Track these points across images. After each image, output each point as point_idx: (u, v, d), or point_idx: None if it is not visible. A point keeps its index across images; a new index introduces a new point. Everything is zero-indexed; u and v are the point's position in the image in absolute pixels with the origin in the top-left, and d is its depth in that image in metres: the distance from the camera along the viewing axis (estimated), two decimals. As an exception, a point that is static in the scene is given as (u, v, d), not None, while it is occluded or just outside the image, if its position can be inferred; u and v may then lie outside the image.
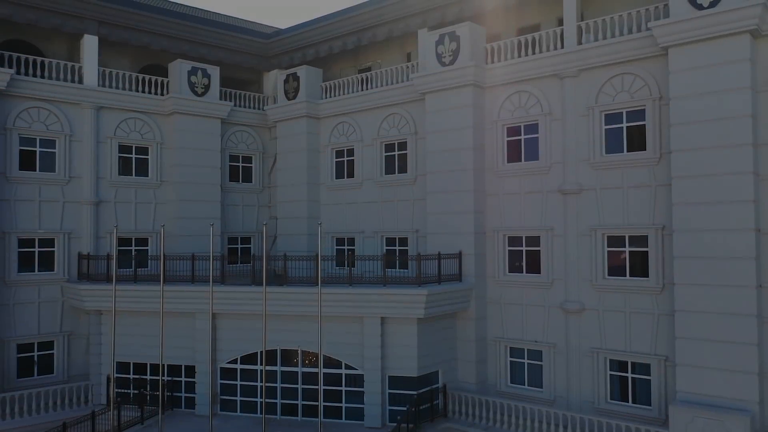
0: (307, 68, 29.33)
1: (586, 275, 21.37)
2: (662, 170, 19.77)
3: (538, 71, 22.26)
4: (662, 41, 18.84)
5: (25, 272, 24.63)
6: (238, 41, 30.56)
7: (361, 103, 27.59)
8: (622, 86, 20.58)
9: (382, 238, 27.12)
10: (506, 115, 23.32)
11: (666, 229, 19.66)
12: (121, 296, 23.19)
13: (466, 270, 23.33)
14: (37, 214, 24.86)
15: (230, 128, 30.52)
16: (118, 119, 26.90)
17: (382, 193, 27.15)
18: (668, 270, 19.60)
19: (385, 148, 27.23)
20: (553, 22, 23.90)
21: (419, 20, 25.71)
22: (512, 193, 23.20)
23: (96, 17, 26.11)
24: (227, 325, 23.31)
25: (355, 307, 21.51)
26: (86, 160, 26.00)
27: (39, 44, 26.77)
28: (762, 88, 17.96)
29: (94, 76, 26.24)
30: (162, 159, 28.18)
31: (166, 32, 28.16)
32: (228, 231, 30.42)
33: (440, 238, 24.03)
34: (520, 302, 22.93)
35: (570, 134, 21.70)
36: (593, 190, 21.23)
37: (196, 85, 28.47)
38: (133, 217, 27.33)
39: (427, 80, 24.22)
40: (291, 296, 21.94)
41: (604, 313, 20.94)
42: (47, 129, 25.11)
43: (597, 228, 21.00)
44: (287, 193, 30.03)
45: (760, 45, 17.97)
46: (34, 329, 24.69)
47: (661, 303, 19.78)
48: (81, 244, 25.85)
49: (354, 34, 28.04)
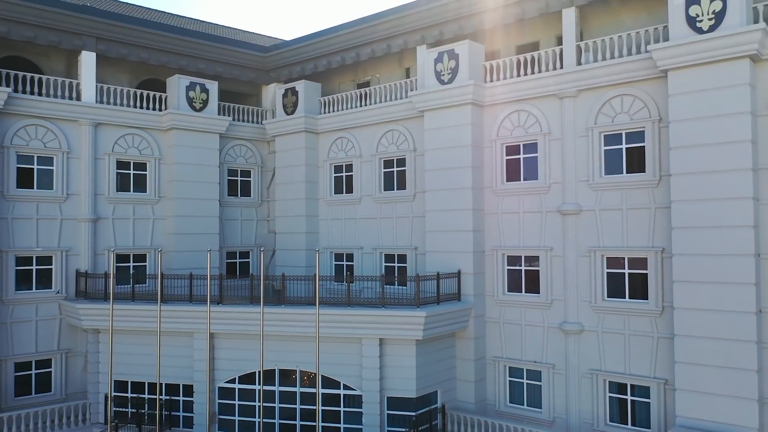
0: (305, 83, 29.26)
1: (585, 296, 21.29)
2: (662, 192, 19.69)
3: (537, 91, 22.19)
4: (661, 64, 18.76)
5: (22, 290, 24.56)
6: (236, 55, 30.47)
7: (360, 118, 27.52)
8: (622, 107, 20.50)
9: (381, 254, 27.04)
10: (505, 134, 23.25)
11: (665, 252, 19.58)
12: (119, 315, 23.12)
13: (465, 289, 23.25)
14: (35, 232, 24.78)
15: (229, 142, 30.45)
16: (116, 135, 26.82)
17: (380, 209, 27.07)
18: (668, 293, 19.52)
19: (384, 165, 27.16)
20: (552, 40, 23.82)
21: (417, 36, 25.62)
22: (511, 212, 23.11)
23: (94, 34, 26.02)
24: (225, 344, 23.22)
25: (354, 328, 21.42)
26: (84, 177, 25.92)
27: (37, 60, 26.69)
28: (761, 112, 17.87)
29: (92, 92, 26.16)
30: (160, 174, 28.10)
31: (164, 47, 28.07)
32: (226, 245, 30.35)
33: (439, 256, 23.95)
34: (519, 322, 22.86)
35: (569, 154, 21.62)
36: (592, 211, 21.14)
37: (194, 100, 28.40)
38: (131, 233, 27.25)
39: (426, 98, 24.14)
40: (289, 317, 21.85)
41: (604, 334, 20.87)
42: (45, 146, 25.03)
43: (596, 249, 20.91)
44: (285, 208, 29.96)
45: (760, 69, 17.88)
46: (32, 347, 24.62)
47: (661, 326, 19.70)
48: (79, 261, 25.77)
49: (352, 50, 27.95)
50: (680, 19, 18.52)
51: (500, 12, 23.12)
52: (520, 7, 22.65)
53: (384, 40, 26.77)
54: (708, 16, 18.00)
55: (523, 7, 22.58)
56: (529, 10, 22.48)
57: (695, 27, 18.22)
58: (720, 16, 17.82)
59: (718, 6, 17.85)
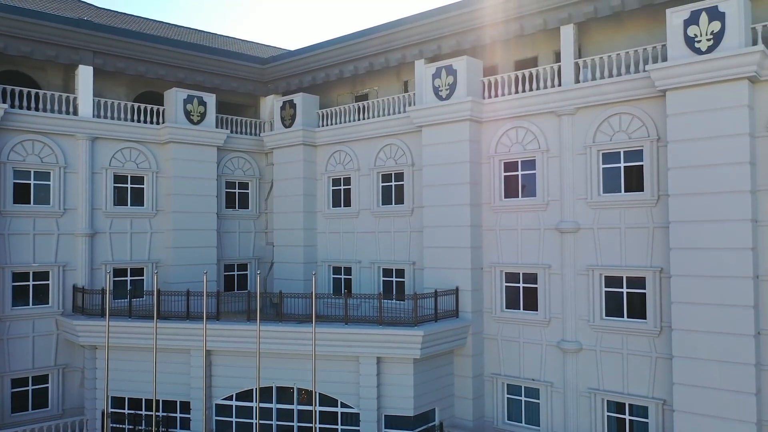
0: (303, 96, 29.17)
1: (583, 314, 21.22)
2: (660, 212, 19.61)
3: (535, 108, 22.11)
4: (660, 84, 18.69)
5: (19, 306, 24.49)
6: (234, 67, 30.39)
7: (358, 132, 27.45)
8: (620, 126, 20.42)
9: (379, 269, 26.96)
10: (503, 150, 23.17)
11: (664, 272, 19.50)
12: (116, 332, 23.03)
13: (463, 306, 23.18)
14: (32, 248, 24.71)
15: (227, 154, 30.37)
16: (114, 149, 26.74)
17: (379, 223, 26.99)
18: (666, 313, 19.44)
19: (382, 179, 27.08)
20: (550, 55, 23.73)
21: (416, 51, 25.54)
22: (509, 228, 23.04)
23: (91, 48, 25.94)
24: (222, 361, 23.15)
25: (351, 346, 21.36)
26: (81, 192, 25.83)
27: (34, 75, 26.60)
28: (760, 134, 17.80)
29: (89, 107, 26.08)
30: (158, 188, 28.01)
31: (162, 61, 27.99)
32: (224, 258, 30.27)
33: (437, 272, 23.88)
34: (517, 339, 22.78)
35: (567, 172, 21.55)
36: (591, 230, 21.07)
37: (191, 114, 28.31)
38: (128, 247, 27.16)
39: (424, 114, 24.07)
40: (286, 335, 21.78)
41: (602, 353, 20.79)
42: (42, 162, 24.96)
43: (594, 268, 20.84)
44: (283, 221, 29.88)
45: (758, 90, 17.81)
46: (29, 363, 24.55)
47: (659, 346, 19.62)
48: (76, 276, 25.69)
49: (351, 63, 27.87)
50: (679, 39, 18.44)
51: (498, 28, 23.04)
52: (518, 24, 22.57)
53: (382, 54, 26.69)
54: (706, 36, 17.92)
55: (521, 23, 22.51)
56: (527, 26, 22.40)
57: (694, 47, 18.14)
58: (719, 36, 17.74)
59: (716, 27, 17.77)
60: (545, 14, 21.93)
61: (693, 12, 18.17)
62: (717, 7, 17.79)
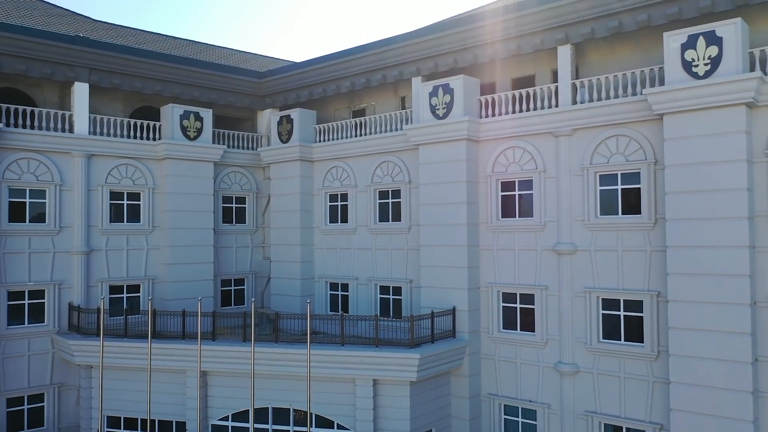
0: (300, 111, 29.07)
1: (580, 336, 21.11)
2: (657, 235, 19.50)
3: (532, 128, 22.01)
4: (657, 108, 18.58)
5: (14, 325, 24.39)
6: (231, 82, 30.28)
7: (355, 148, 27.35)
8: (617, 148, 20.31)
9: (377, 286, 26.87)
10: (500, 170, 23.07)
11: (661, 296, 19.39)
12: (111, 352, 22.95)
13: (460, 326, 23.07)
14: (27, 266, 24.61)
15: (224, 169, 30.27)
16: (110, 166, 26.63)
17: (376, 240, 26.89)
18: (663, 337, 19.34)
19: (379, 195, 26.97)
20: (547, 74, 23.61)
21: (413, 68, 25.43)
22: (506, 248, 22.93)
23: (86, 65, 25.83)
24: (218, 381, 23.05)
25: (347, 368, 21.25)
26: (77, 209, 25.72)
27: (29, 92, 26.46)
28: (757, 159, 17.70)
29: (84, 124, 25.98)
30: (154, 204, 27.90)
31: (158, 76, 27.88)
32: (221, 273, 30.18)
33: (434, 292, 23.78)
34: (514, 360, 22.68)
35: (564, 193, 21.44)
36: (588, 251, 20.96)
37: (188, 129, 28.21)
38: (124, 264, 27.06)
39: (421, 133, 23.97)
40: (282, 356, 21.68)
41: (599, 376, 20.69)
42: (37, 180, 24.85)
43: (591, 290, 20.73)
44: (280, 236, 29.77)
45: (756, 115, 17.70)
46: (24, 382, 24.45)
47: (657, 370, 19.52)
48: (72, 294, 25.58)
49: (348, 79, 27.76)
50: (676, 63, 18.34)
51: (495, 47, 22.93)
52: (515, 43, 22.46)
53: (379, 70, 26.59)
54: (704, 61, 17.81)
55: (518, 42, 22.40)
56: (524, 46, 22.29)
57: (691, 72, 18.03)
58: (716, 61, 17.63)
59: (714, 51, 17.66)
60: (542, 34, 21.82)
61: (690, 36, 18.06)
62: (714, 32, 17.68)
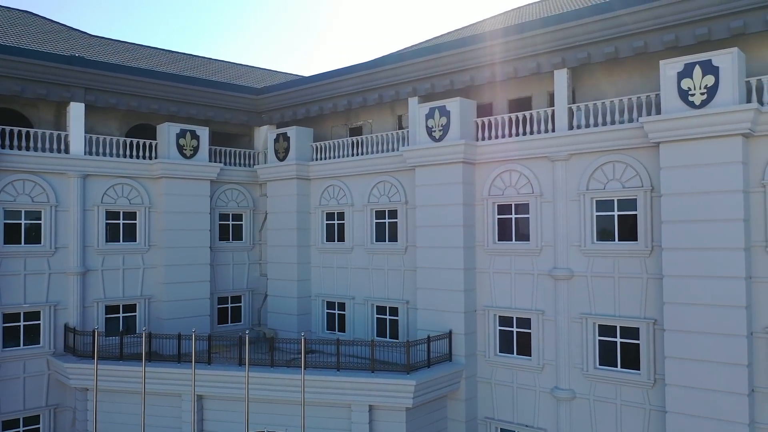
0: (297, 129, 28.99)
1: (577, 362, 21.03)
2: (654, 263, 19.42)
3: (528, 152, 21.93)
4: (653, 137, 18.50)
5: (10, 348, 24.31)
6: (227, 99, 30.20)
7: (352, 168, 27.27)
8: (614, 174, 20.23)
9: (373, 306, 26.79)
10: (497, 192, 22.99)
11: (657, 324, 19.32)
12: (106, 376, 22.89)
13: (457, 349, 23.01)
14: (22, 288, 24.53)
15: (220, 187, 30.19)
16: (105, 186, 26.55)
17: (372, 260, 26.81)
18: (660, 365, 19.26)
19: (376, 215, 26.89)
20: (544, 96, 23.53)
21: (409, 89, 25.34)
22: (503, 271, 22.85)
23: (82, 84, 25.75)
24: (214, 405, 22.96)
25: (343, 394, 21.17)
26: (72, 230, 25.64)
27: (25, 111, 26.37)
28: (754, 189, 17.61)
29: (80, 144, 25.90)
30: (150, 223, 27.83)
31: (154, 95, 27.80)
32: (218, 291, 30.10)
33: (430, 314, 23.70)
34: (510, 384, 22.61)
35: (561, 218, 21.36)
36: (584, 277, 20.89)
37: (184, 148, 28.13)
38: (120, 283, 26.98)
39: (417, 155, 23.89)
40: (277, 381, 21.61)
41: (596, 402, 20.62)
42: (32, 201, 24.77)
43: (588, 316, 20.65)
44: (277, 254, 29.69)
45: (752, 145, 17.62)
46: (20, 405, 24.37)
47: (653, 398, 19.44)
48: (67, 315, 25.50)
49: (344, 97, 27.69)
50: (672, 92, 18.25)
51: (492, 69, 22.85)
52: (512, 66, 22.38)
53: (376, 90, 26.50)
54: (700, 90, 17.74)
55: (515, 66, 22.32)
56: (520, 69, 22.21)
57: (687, 101, 17.95)
58: (712, 91, 17.55)
59: (710, 81, 17.58)
60: (539, 58, 21.73)
61: (687, 65, 17.98)
62: (711, 61, 17.60)
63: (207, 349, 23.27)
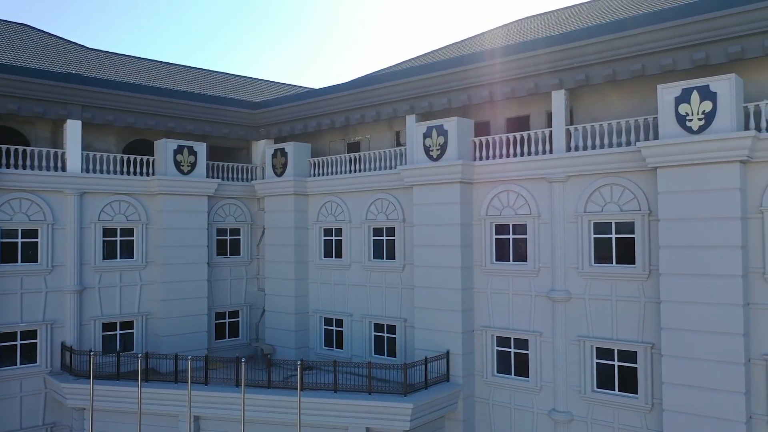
0: (295, 144, 28.93)
1: (574, 384, 20.97)
2: (651, 286, 19.36)
3: (525, 173, 21.86)
4: (651, 162, 18.43)
5: (6, 367, 24.25)
6: (225, 114, 30.14)
7: (349, 184, 27.21)
8: (611, 197, 20.16)
9: (371, 324, 26.72)
10: (494, 212, 22.92)
11: (655, 348, 19.25)
12: (103, 396, 22.84)
13: (454, 369, 22.94)
14: (19, 307, 24.48)
15: (218, 202, 30.13)
16: (102, 203, 26.48)
17: (370, 277, 26.75)
18: (657, 389, 19.19)
19: (374, 232, 26.83)
20: (542, 115, 23.47)
21: (407, 106, 25.28)
22: (500, 292, 22.78)
23: (79, 102, 25.69)
24: (211, 426, 22.90)
25: (340, 417, 21.11)
26: (69, 248, 25.58)
27: (22, 129, 26.30)
28: (752, 215, 17.54)
29: (77, 161, 25.83)
30: (147, 240, 27.76)
31: (151, 111, 27.74)
32: (216, 306, 30.03)
33: (428, 333, 23.64)
34: (508, 405, 22.54)
35: (558, 239, 21.29)
36: (582, 299, 20.82)
37: (182, 164, 28.06)
38: (117, 300, 26.92)
39: (415, 174, 23.83)
40: (274, 403, 21.55)
41: (593, 425, 20.55)
42: (29, 219, 24.71)
43: (585, 339, 20.59)
44: (275, 270, 29.63)
45: (750, 171, 17.55)
46: (16, 424, 24.31)
47: (651, 422, 19.37)
48: (64, 333, 25.45)
49: (342, 113, 27.62)
50: (670, 117, 18.18)
51: (490, 89, 22.78)
52: (510, 86, 22.31)
53: (373, 107, 26.44)
54: (698, 116, 17.66)
55: (512, 86, 22.25)
56: (518, 89, 22.14)
57: (685, 126, 17.88)
58: (710, 116, 17.48)
59: (708, 107, 17.51)
60: (536, 78, 21.67)
61: (684, 90, 17.91)
62: (708, 87, 17.53)
63: (204, 366, 23.17)
